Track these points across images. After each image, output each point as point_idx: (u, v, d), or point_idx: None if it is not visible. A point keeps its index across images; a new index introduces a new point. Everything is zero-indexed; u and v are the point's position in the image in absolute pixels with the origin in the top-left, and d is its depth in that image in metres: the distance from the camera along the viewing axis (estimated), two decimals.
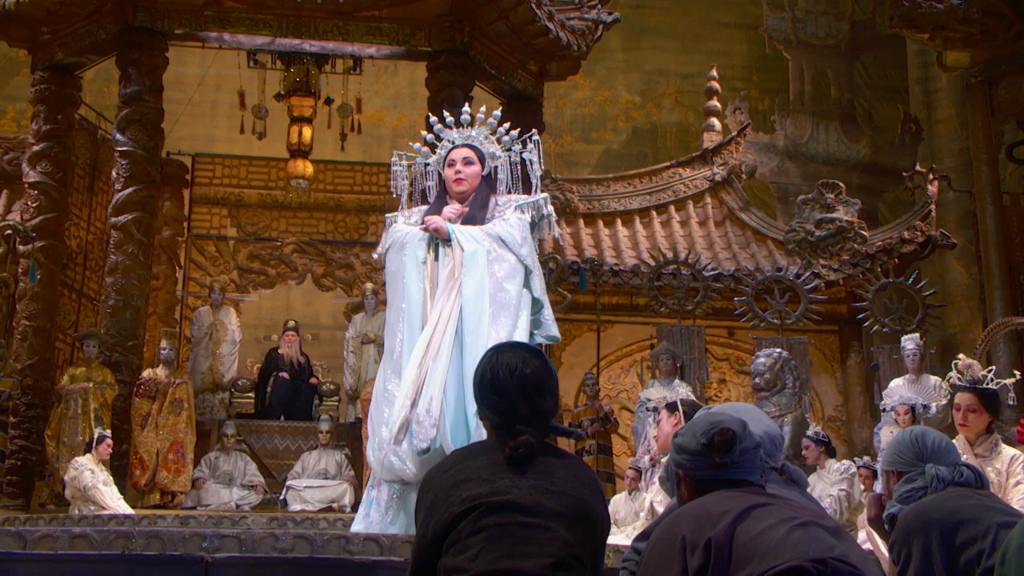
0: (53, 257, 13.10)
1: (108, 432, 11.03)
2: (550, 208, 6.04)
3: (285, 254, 15.60)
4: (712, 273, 13.98)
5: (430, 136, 6.19)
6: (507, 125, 6.19)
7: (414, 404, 5.17)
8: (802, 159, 20.42)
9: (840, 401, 15.29)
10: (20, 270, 12.75)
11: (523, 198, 5.98)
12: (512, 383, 2.90)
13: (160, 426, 11.93)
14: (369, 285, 14.44)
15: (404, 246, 5.65)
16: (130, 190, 12.48)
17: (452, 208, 5.78)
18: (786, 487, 3.24)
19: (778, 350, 11.49)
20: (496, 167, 6.05)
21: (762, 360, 11.32)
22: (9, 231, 12.38)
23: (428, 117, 6.81)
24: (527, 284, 5.70)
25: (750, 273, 14.22)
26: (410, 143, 6.26)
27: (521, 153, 6.15)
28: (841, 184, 14.87)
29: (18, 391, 12.28)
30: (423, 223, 5.67)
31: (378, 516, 5.21)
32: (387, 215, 6.15)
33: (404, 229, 5.78)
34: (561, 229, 15.60)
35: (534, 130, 6.36)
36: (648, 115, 20.42)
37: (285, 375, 13.74)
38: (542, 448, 2.86)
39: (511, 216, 5.78)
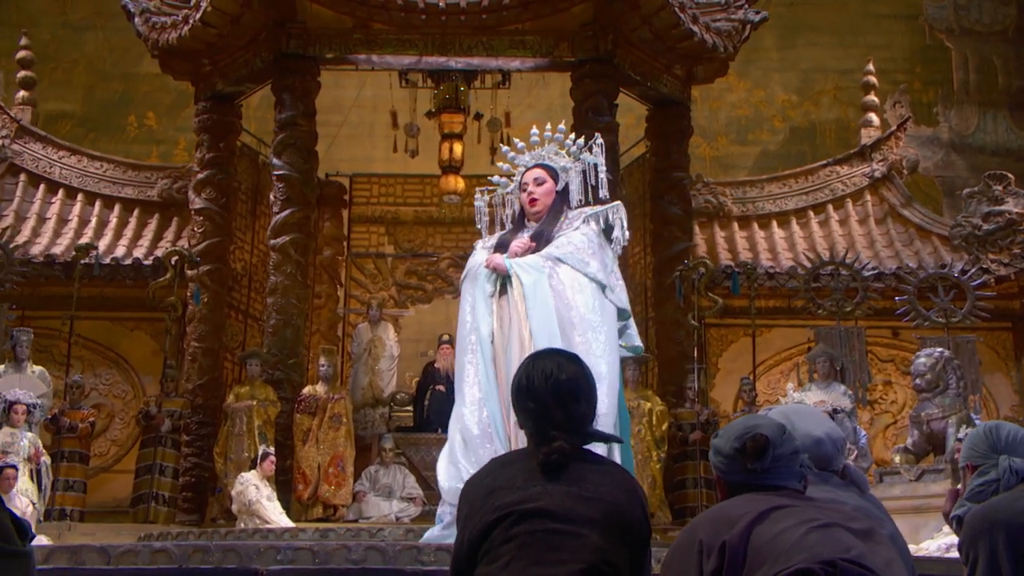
0: (219, 280, 13.62)
1: (271, 449, 11.39)
2: (619, 214, 6.01)
3: (441, 269, 15.82)
4: (872, 272, 13.63)
5: (506, 166, 6.30)
6: (572, 135, 6.28)
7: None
8: (968, 151, 19.63)
9: (1016, 401, 14.62)
10: (188, 294, 13.29)
11: (591, 209, 5.99)
12: (547, 389, 2.88)
13: (321, 441, 12.24)
14: None
15: (476, 279, 5.80)
16: (287, 212, 12.89)
17: (519, 242, 5.87)
18: (845, 489, 3.15)
19: (939, 350, 11.09)
20: (568, 180, 6.08)
21: (922, 360, 10.94)
22: (176, 257, 12.93)
23: (502, 147, 6.91)
24: (605, 296, 5.70)
25: (912, 271, 13.75)
26: (489, 177, 6.40)
27: (584, 158, 6.18)
28: (1010, 175, 14.30)
29: (189, 410, 12.83)
30: (487, 261, 5.79)
31: (438, 530, 5.25)
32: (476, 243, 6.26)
33: (478, 259, 5.93)
34: (715, 232, 15.51)
35: (597, 134, 6.39)
36: (806, 113, 19.97)
37: (442, 388, 13.90)
38: (578, 454, 2.84)
39: (575, 234, 5.80)
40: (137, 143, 19.15)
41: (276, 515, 10.70)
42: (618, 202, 6.16)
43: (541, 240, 5.84)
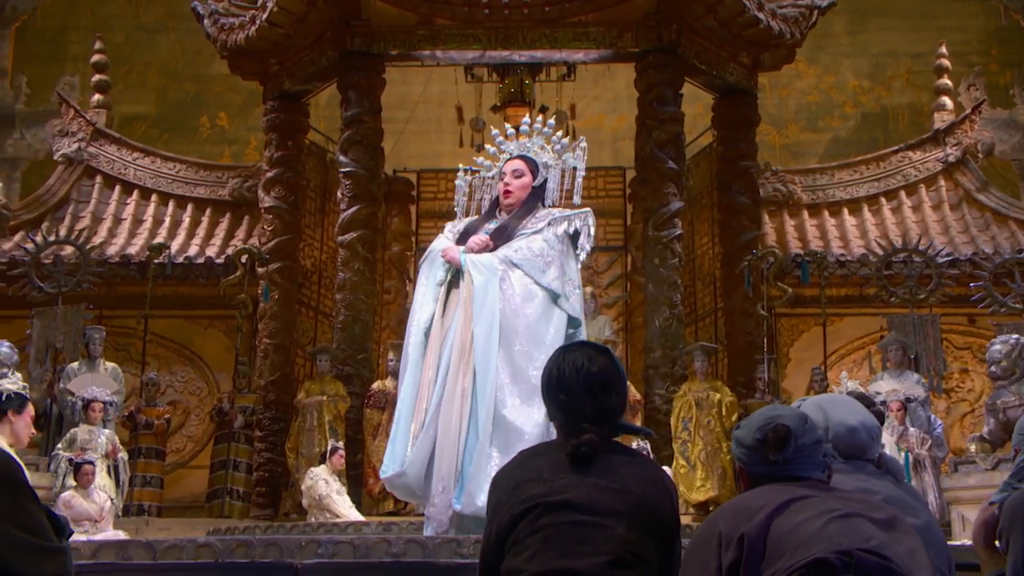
0: (289, 277, 13.78)
1: (340, 444, 11.50)
2: (587, 221, 6.04)
3: None
4: (947, 259, 13.40)
5: (493, 149, 6.32)
6: (559, 133, 6.34)
7: (428, 475, 5.47)
8: None
9: None
10: (259, 291, 13.46)
11: (558, 212, 6.03)
12: (578, 381, 2.87)
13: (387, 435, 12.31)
14: (588, 289, 14.40)
15: (433, 263, 5.87)
16: (354, 209, 13.00)
17: (477, 238, 5.89)
18: (880, 478, 3.11)
19: (1016, 336, 10.84)
20: (547, 177, 6.12)
21: (997, 347, 10.70)
22: (246, 255, 13.11)
23: (493, 131, 6.95)
24: (558, 304, 5.76)
25: (988, 257, 13.47)
26: (475, 158, 6.44)
27: (566, 158, 6.23)
28: None
29: (261, 406, 13.01)
30: (444, 250, 5.86)
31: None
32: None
33: (440, 244, 6.01)
34: (784, 221, 15.33)
35: (582, 138, 6.46)
36: (878, 99, 19.63)
37: None
38: (607, 447, 2.83)
39: (536, 239, 5.84)
40: (210, 143, 19.41)
41: (346, 509, 10.80)
42: (587, 209, 6.21)
43: (503, 235, 5.92)
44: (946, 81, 16.26)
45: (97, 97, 16.47)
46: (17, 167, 19.25)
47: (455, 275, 5.84)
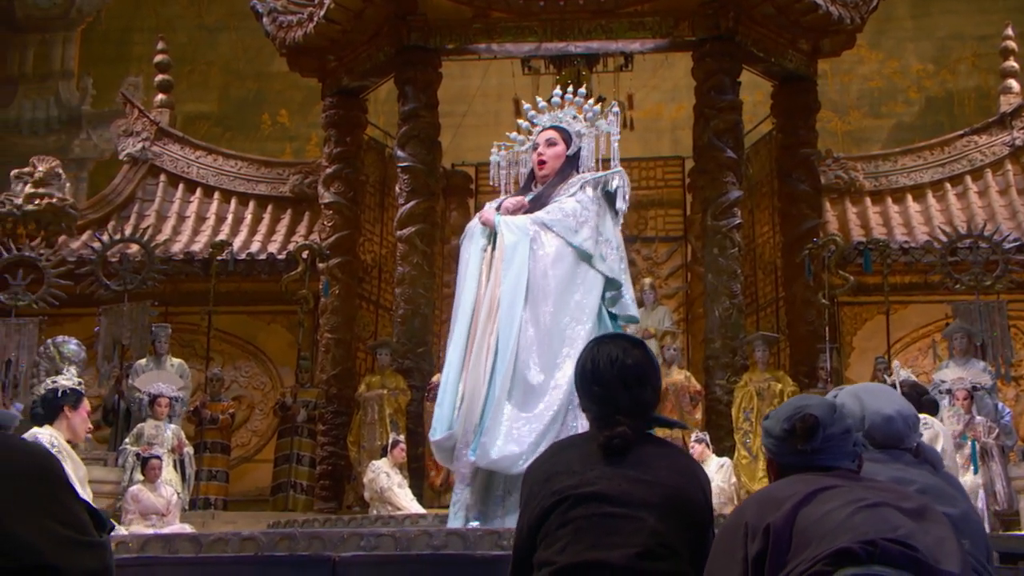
0: (349, 272, 13.89)
1: (402, 437, 11.58)
2: (619, 181, 5.98)
3: None
4: (1014, 244, 13.18)
5: (525, 123, 6.33)
6: (591, 101, 6.34)
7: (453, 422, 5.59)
8: None
9: None
10: (320, 286, 13.57)
11: (591, 175, 5.98)
12: (613, 373, 2.87)
13: None
14: (647, 280, 14.39)
15: (473, 236, 5.87)
16: (412, 204, 13.07)
17: (513, 200, 5.91)
18: (917, 467, 3.08)
19: None
20: (581, 146, 6.13)
21: None
22: (306, 251, 13.24)
23: (523, 103, 6.98)
24: (592, 265, 5.74)
25: None
26: (508, 134, 6.44)
27: (600, 125, 6.23)
28: None
29: (323, 400, 13.13)
30: (480, 214, 5.93)
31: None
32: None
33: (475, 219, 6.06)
34: (847, 209, 15.14)
35: (614, 102, 6.45)
36: (942, 83, 19.33)
37: None
38: (640, 439, 2.82)
39: (568, 200, 5.82)
40: (271, 140, 19.63)
41: (407, 501, 10.87)
42: (619, 168, 6.13)
43: (538, 203, 5.90)
44: (1012, 63, 15.96)
45: (160, 97, 16.70)
46: (84, 167, 19.63)
47: (494, 240, 5.87)
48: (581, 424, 5.30)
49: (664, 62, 16.75)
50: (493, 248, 5.82)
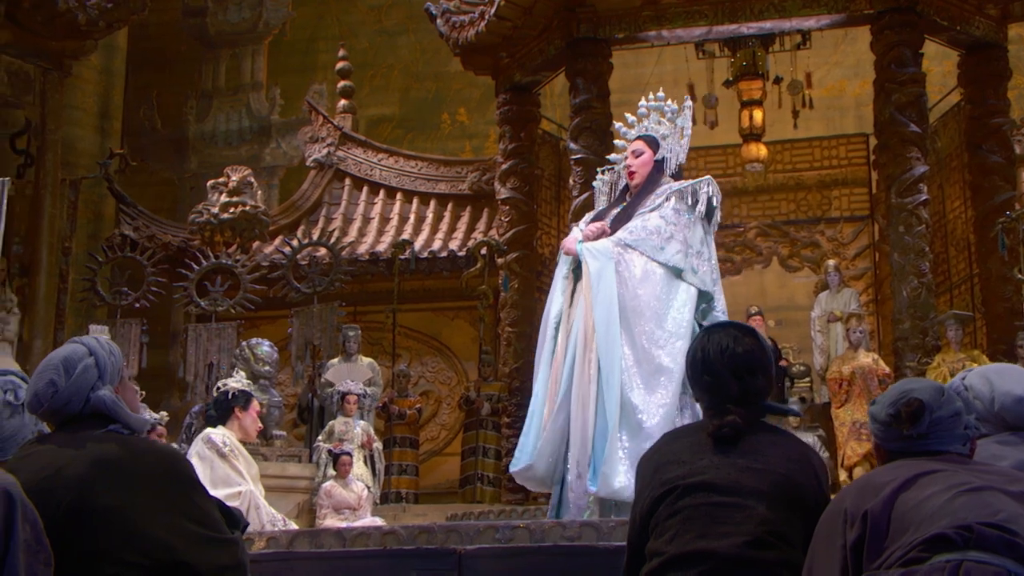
0: (527, 266, 14.02)
1: None
2: (708, 189, 5.86)
3: (749, 239, 15.58)
4: None
5: (622, 142, 6.42)
6: (669, 101, 6.31)
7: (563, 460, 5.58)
8: None
9: None
10: (499, 281, 13.76)
11: (677, 184, 5.88)
12: (723, 362, 2.87)
13: None
14: (831, 262, 14.04)
15: (558, 266, 5.94)
16: (586, 196, 13.01)
17: (595, 226, 5.89)
18: None
19: None
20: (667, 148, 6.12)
21: None
22: (484, 247, 13.43)
23: (614, 123, 7.12)
24: (683, 279, 5.63)
25: None
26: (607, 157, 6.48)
27: (679, 121, 6.20)
28: None
29: (507, 393, 13.30)
30: (562, 244, 6.02)
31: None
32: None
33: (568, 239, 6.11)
34: None
35: (687, 96, 6.33)
36: None
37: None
38: (753, 427, 2.81)
39: (652, 216, 5.75)
40: (451, 139, 19.94)
41: None
42: (707, 177, 6.06)
43: (625, 217, 5.87)
44: None
45: (343, 103, 17.19)
46: (275, 175, 20.37)
47: (579, 267, 5.88)
48: None
49: (845, 37, 16.30)
50: (577, 277, 5.86)
